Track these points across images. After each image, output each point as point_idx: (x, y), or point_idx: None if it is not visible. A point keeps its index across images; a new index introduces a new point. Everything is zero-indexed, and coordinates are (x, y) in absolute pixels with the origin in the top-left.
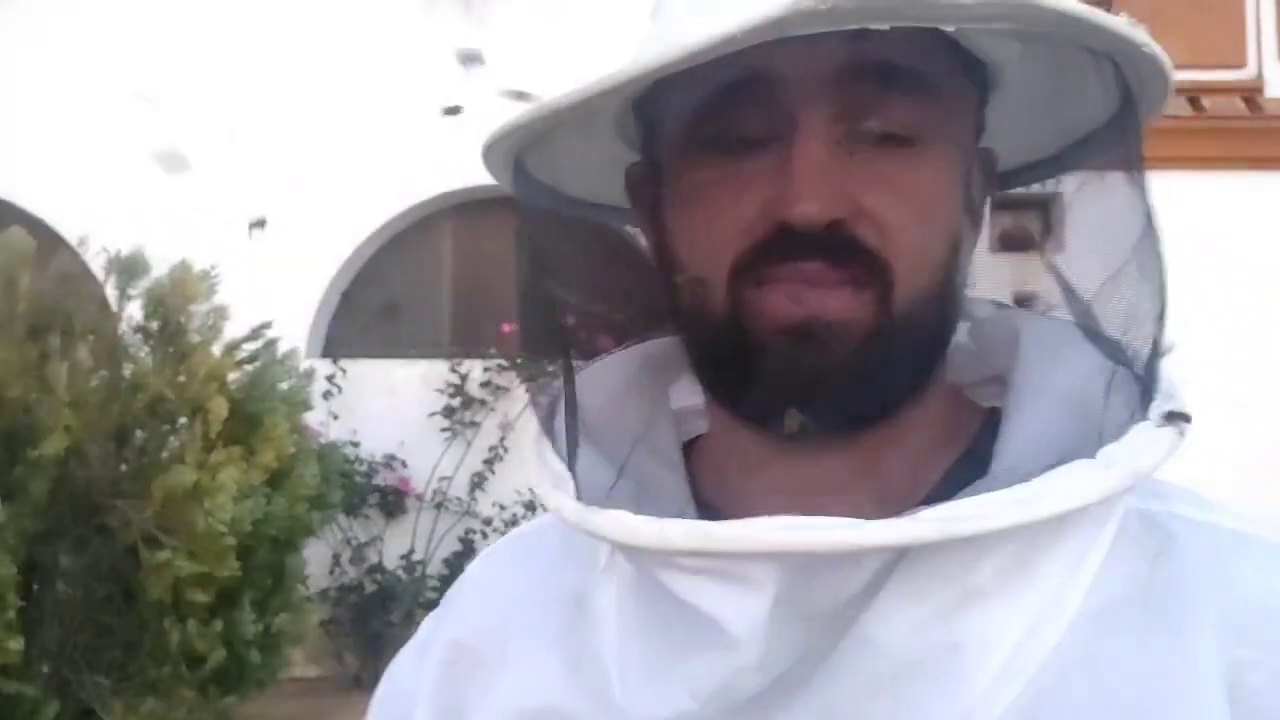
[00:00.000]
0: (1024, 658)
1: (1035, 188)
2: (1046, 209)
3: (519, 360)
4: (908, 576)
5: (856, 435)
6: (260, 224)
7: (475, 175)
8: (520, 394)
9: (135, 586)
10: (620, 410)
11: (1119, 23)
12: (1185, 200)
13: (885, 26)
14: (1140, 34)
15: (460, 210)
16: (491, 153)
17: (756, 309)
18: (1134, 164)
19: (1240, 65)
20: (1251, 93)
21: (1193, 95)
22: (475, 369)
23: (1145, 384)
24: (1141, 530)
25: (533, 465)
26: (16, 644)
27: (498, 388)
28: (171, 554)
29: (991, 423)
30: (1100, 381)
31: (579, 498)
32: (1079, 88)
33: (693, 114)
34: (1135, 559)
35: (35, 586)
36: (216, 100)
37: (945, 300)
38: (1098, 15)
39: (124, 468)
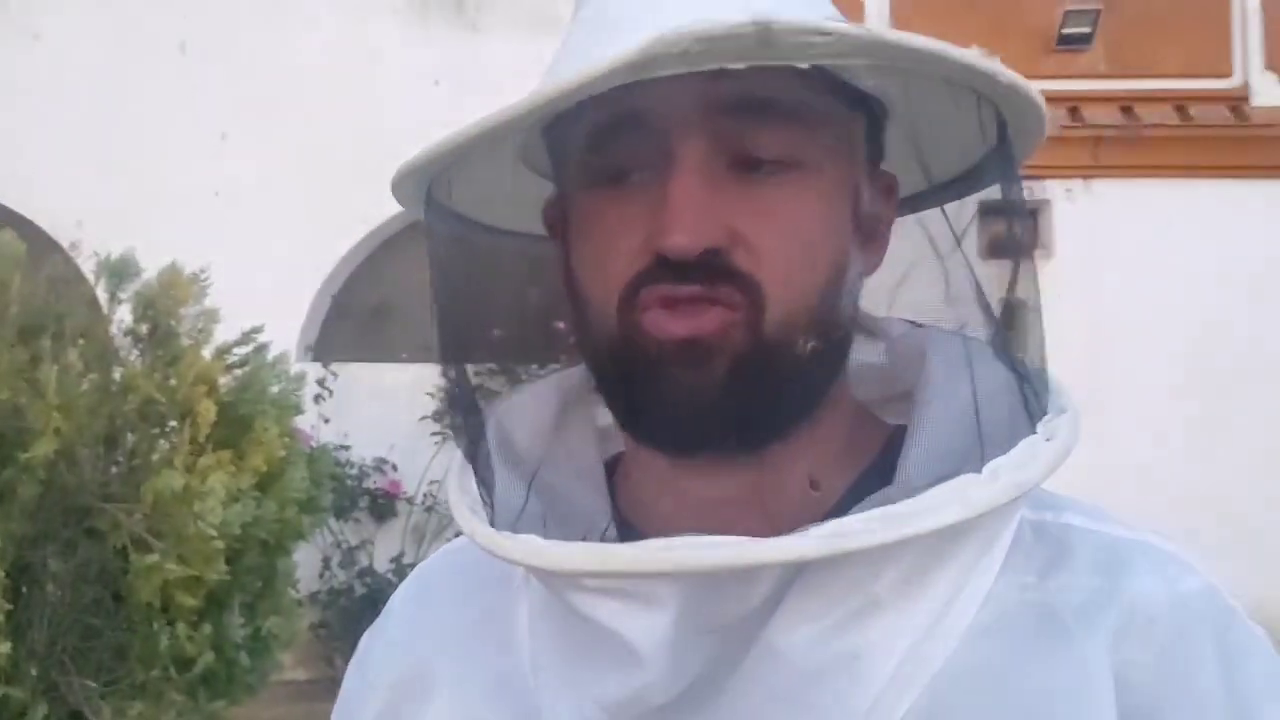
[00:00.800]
0: (919, 666)
1: (1026, 195)
2: (1035, 217)
3: (509, 365)
4: (808, 589)
5: (759, 451)
6: None
7: None
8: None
9: (124, 590)
10: (541, 433)
11: (970, 55)
12: (1172, 207)
13: (741, 66)
14: (992, 65)
15: None
16: (400, 189)
17: (640, 332)
18: (1012, 189)
19: (1227, 74)
20: (1238, 102)
21: (1180, 104)
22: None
23: (1035, 399)
24: (1034, 540)
25: (452, 491)
26: (5, 647)
27: (489, 392)
28: (160, 557)
29: (899, 439)
30: (998, 397)
31: (492, 522)
32: (967, 117)
33: (583, 149)
34: (1028, 569)
35: (24, 589)
36: (208, 102)
37: (828, 320)
38: (948, 50)
39: (114, 471)
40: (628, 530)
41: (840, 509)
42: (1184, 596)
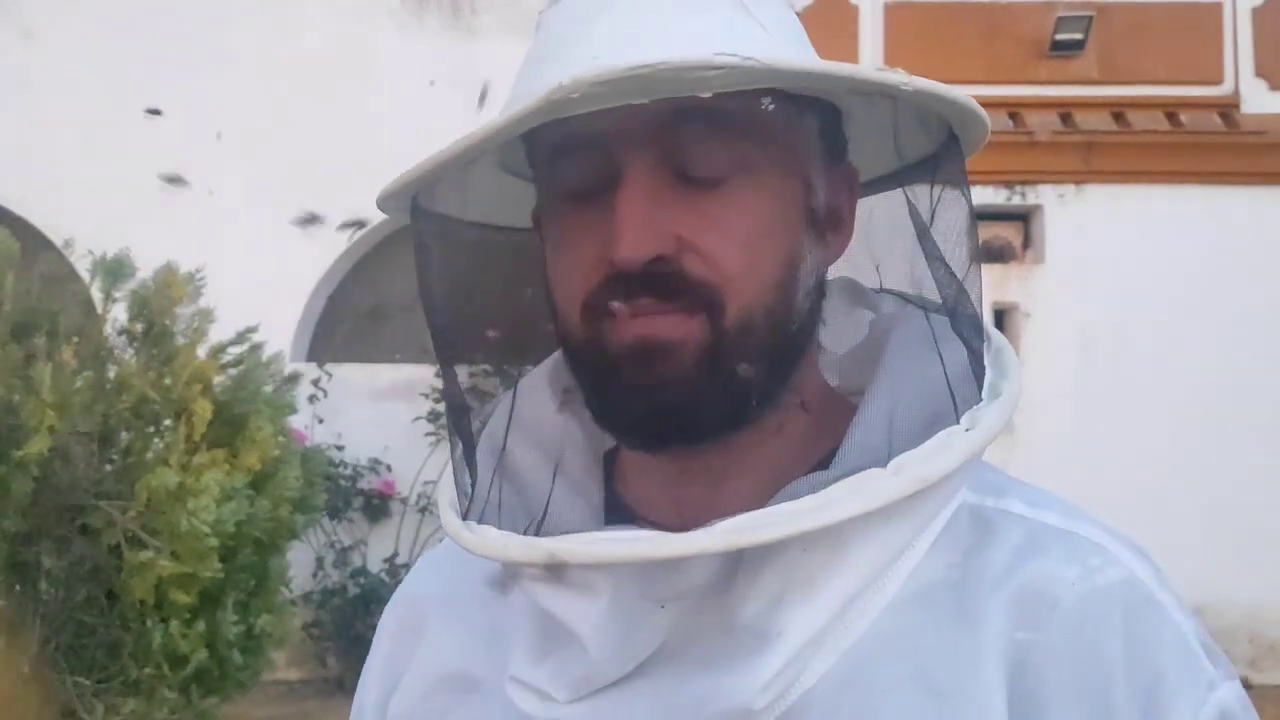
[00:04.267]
0: (833, 637)
1: (1016, 200)
2: (1028, 221)
3: (504, 366)
4: (751, 576)
5: (725, 439)
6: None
7: None
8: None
9: (118, 587)
10: (542, 425)
11: (866, 70)
12: (1162, 212)
13: (645, 101)
14: (891, 76)
15: None
16: (386, 204)
17: (603, 340)
18: (955, 180)
19: (1218, 81)
20: (1228, 108)
21: (1171, 110)
22: (461, 374)
23: (966, 389)
24: (968, 524)
25: (442, 483)
26: None
27: (483, 393)
28: (155, 554)
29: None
30: (930, 387)
31: (465, 514)
32: (898, 119)
33: (546, 168)
34: (954, 550)
35: (17, 587)
36: (203, 105)
37: (785, 313)
38: (840, 69)
39: (108, 468)
40: (622, 512)
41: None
42: (1098, 585)
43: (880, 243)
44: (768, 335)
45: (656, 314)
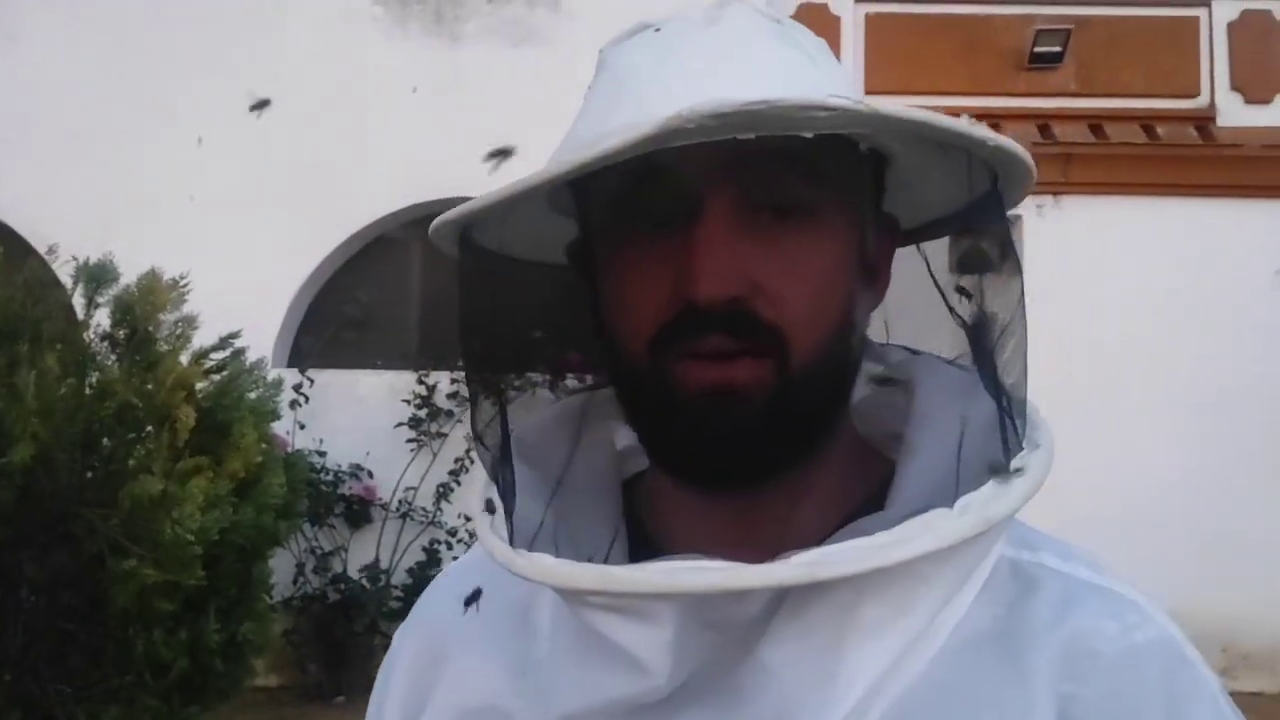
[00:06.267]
0: (891, 684)
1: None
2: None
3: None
4: (795, 611)
5: (766, 484)
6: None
7: (445, 188)
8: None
9: (100, 595)
10: (559, 453)
11: (959, 124)
12: (1139, 224)
13: (751, 136)
14: (980, 130)
15: (428, 222)
16: (438, 236)
17: (674, 379)
18: (998, 229)
19: (1194, 94)
20: (1204, 121)
21: (1147, 123)
22: (443, 380)
23: (1014, 432)
24: (1009, 577)
25: (475, 507)
26: None
27: (465, 399)
28: (138, 562)
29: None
30: (977, 434)
31: (511, 539)
32: (959, 169)
33: (615, 199)
34: (998, 601)
35: None
36: (186, 110)
37: (841, 356)
38: (939, 121)
39: (90, 476)
40: (647, 545)
41: (834, 537)
42: (1136, 642)
43: (922, 289)
44: (828, 379)
45: (732, 358)
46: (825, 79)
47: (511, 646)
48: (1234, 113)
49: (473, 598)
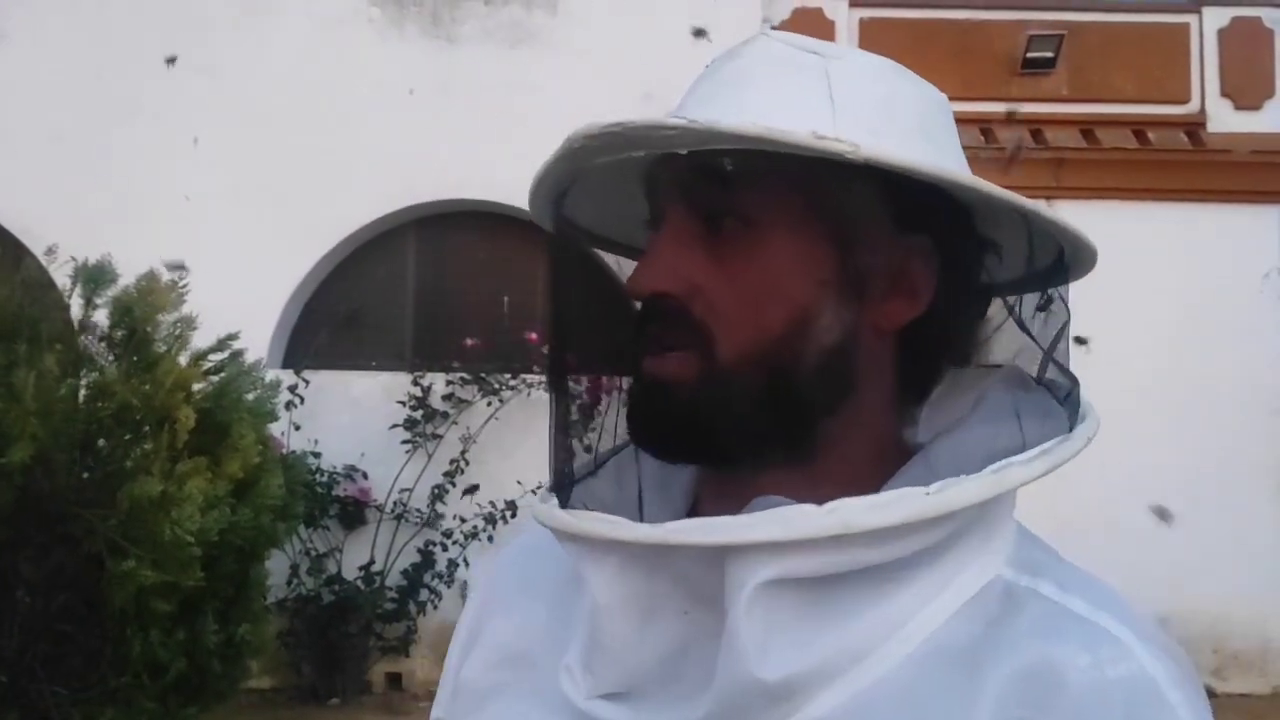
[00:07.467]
0: (854, 678)
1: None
2: None
3: (482, 374)
4: (772, 600)
5: (737, 468)
6: None
7: (440, 189)
8: (483, 407)
9: (98, 596)
10: None
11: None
12: (1130, 229)
13: (641, 154)
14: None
15: (424, 224)
16: (533, 200)
17: (637, 366)
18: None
19: (1184, 100)
20: (1194, 127)
21: (1139, 128)
22: (438, 382)
23: (1020, 440)
24: (998, 598)
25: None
26: None
27: (460, 401)
28: (136, 563)
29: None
30: (1000, 443)
31: (562, 500)
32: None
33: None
34: (979, 620)
35: None
36: (181, 110)
37: (791, 363)
38: (781, 135)
39: (88, 477)
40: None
41: (745, 508)
42: (1107, 677)
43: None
44: (764, 383)
45: (665, 355)
46: (826, 110)
47: (562, 603)
48: (1224, 119)
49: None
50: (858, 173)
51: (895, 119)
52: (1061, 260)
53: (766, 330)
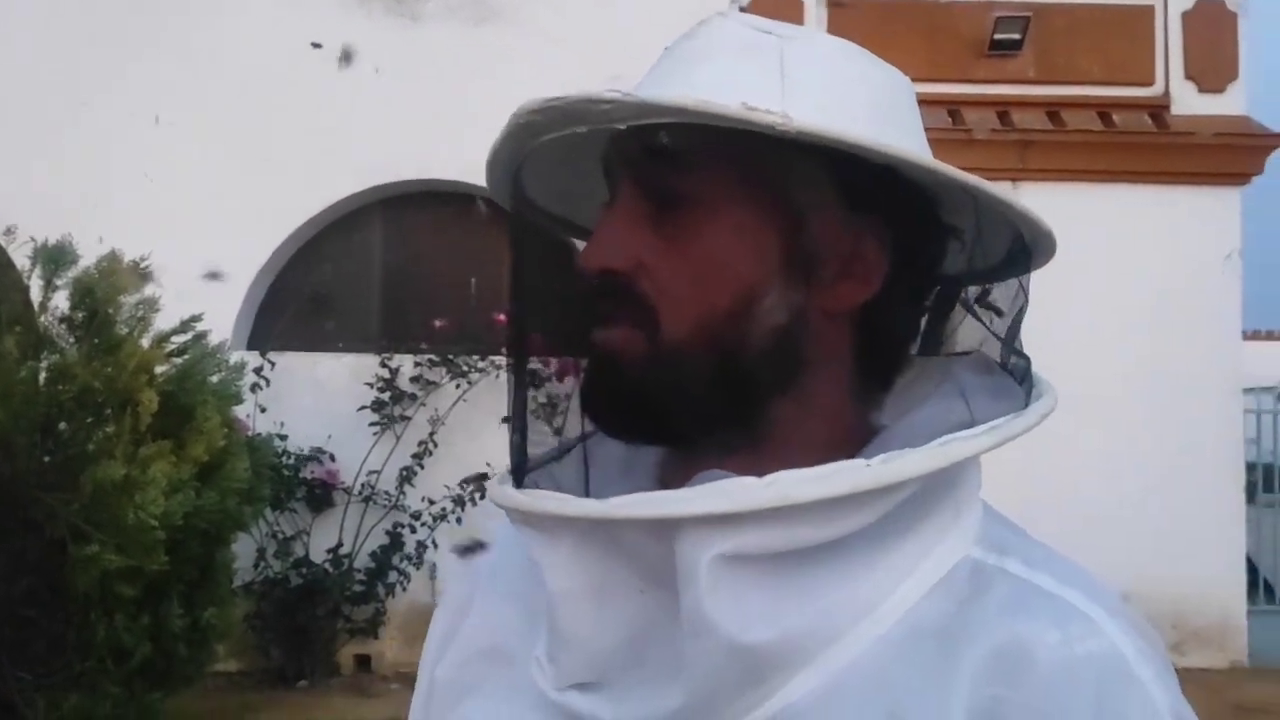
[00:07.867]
0: (827, 661)
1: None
2: None
3: (450, 356)
4: (733, 575)
5: (687, 444)
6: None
7: (407, 169)
8: (451, 389)
9: (61, 581)
10: None
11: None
12: (1094, 210)
13: (583, 129)
14: (758, 116)
15: (390, 204)
16: (490, 178)
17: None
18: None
19: (1149, 83)
20: (1159, 109)
21: (1103, 111)
22: (406, 363)
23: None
24: (968, 577)
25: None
26: None
27: (428, 382)
28: (99, 548)
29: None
30: (928, 422)
31: (517, 481)
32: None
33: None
34: (950, 599)
35: None
36: (145, 92)
37: (735, 341)
38: (710, 107)
39: (49, 460)
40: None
41: (690, 482)
42: (1076, 654)
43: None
44: (712, 361)
45: (611, 324)
46: (775, 88)
47: (534, 592)
48: (1188, 101)
49: (469, 549)
50: (802, 150)
51: (849, 99)
52: (1024, 247)
53: (711, 308)
